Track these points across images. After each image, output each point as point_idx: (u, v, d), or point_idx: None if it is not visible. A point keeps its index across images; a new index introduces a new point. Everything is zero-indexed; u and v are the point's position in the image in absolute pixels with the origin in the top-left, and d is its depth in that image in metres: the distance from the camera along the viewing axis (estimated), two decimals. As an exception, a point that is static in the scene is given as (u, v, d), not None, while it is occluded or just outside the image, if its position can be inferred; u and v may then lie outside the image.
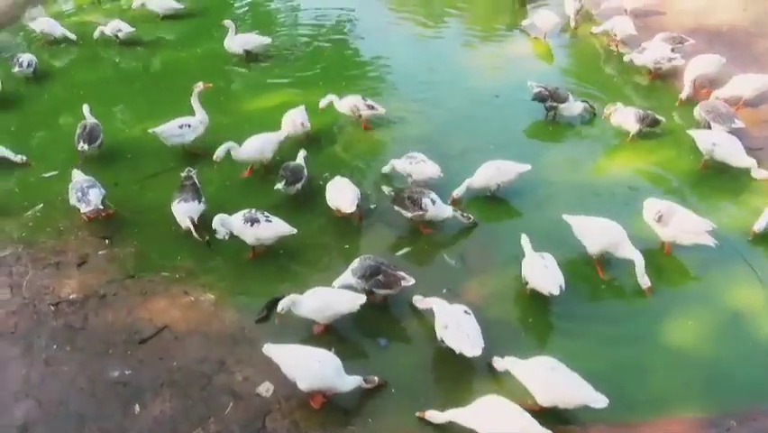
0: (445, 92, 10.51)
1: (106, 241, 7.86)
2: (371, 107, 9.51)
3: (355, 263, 6.79)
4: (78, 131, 9.04)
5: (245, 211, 7.46)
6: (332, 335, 6.59)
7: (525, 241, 6.91)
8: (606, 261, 7.16)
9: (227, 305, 6.98)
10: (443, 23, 12.95)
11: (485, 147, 9.02)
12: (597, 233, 7.02)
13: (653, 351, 6.35)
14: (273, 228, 7.38)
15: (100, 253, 7.72)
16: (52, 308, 7.00)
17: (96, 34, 12.30)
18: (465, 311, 6.19)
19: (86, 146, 8.88)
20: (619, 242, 6.90)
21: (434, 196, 7.59)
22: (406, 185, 8.15)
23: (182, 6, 13.32)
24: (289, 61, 11.57)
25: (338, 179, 8.06)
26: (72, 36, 12.24)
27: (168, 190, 8.09)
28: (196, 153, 9.01)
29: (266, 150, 8.61)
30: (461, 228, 7.77)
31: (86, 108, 9.33)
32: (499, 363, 5.90)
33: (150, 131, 8.93)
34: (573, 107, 9.60)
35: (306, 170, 8.22)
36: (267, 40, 11.66)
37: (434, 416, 5.62)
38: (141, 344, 6.55)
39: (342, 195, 7.77)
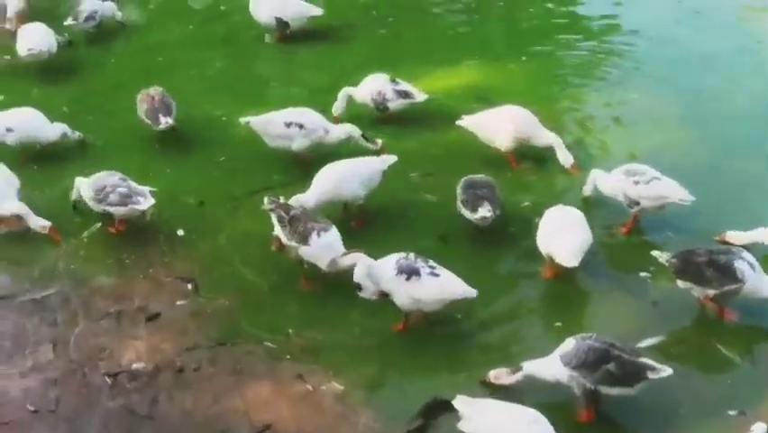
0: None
1: (189, 286, 8.00)
2: (405, 94, 9.80)
3: (568, 345, 6.60)
4: (145, 105, 9.75)
5: (399, 256, 7.36)
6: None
7: None
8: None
9: (362, 402, 6.87)
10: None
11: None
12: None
13: None
14: (441, 286, 7.19)
15: (179, 303, 7.84)
16: (109, 380, 7.09)
17: None
18: None
19: (169, 119, 9.63)
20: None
21: (748, 257, 7.36)
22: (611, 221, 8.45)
23: None
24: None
25: (555, 212, 8.06)
26: None
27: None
28: (306, 163, 9.25)
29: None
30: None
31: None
32: None
33: (243, 120, 9.35)
34: None
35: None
36: (315, 10, 11.90)
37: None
38: (231, 450, 6.57)
39: (563, 238, 7.68)
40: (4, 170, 8.81)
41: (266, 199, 8.05)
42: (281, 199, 8.12)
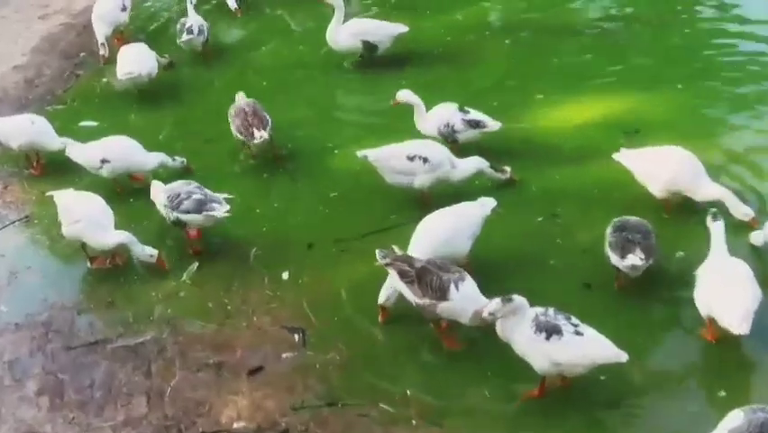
0: None
1: (296, 337, 8.10)
2: (476, 123, 9.97)
3: (736, 419, 6.32)
4: (238, 120, 10.22)
5: (537, 311, 7.14)
6: None
7: None
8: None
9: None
10: None
11: None
12: None
13: None
14: (585, 348, 7.01)
15: (285, 356, 7.92)
16: (207, 441, 7.20)
17: None
18: None
19: (264, 133, 10.02)
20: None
21: None
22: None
23: None
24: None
25: (718, 265, 7.75)
26: None
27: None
28: (427, 201, 9.33)
29: None
30: None
31: (240, 97, 10.54)
32: None
33: (360, 154, 9.46)
34: None
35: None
36: (402, 28, 12.06)
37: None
38: None
39: (729, 298, 7.37)
40: (100, 201, 9.09)
41: (378, 254, 7.89)
42: (397, 250, 8.05)
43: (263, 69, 12.62)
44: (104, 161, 9.88)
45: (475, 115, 10.09)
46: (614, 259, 8.07)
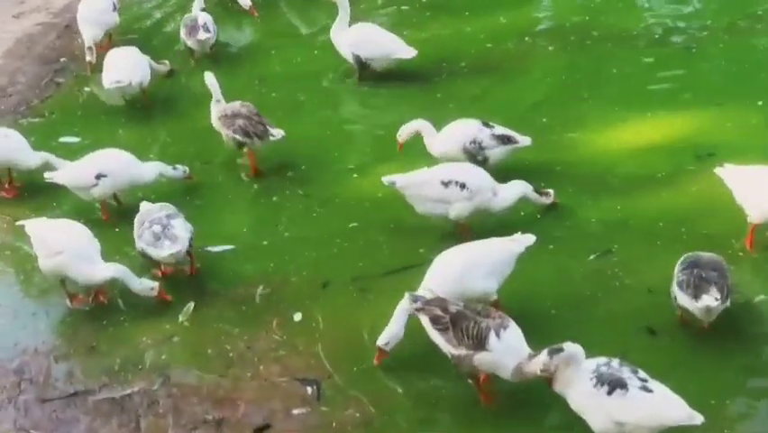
0: None
1: (309, 390, 8.05)
2: (506, 139, 10.11)
3: None
4: (240, 120, 10.53)
5: (598, 362, 7.06)
6: None
7: None
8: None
9: None
10: None
11: None
12: None
13: None
14: (655, 407, 6.88)
15: (296, 412, 7.87)
16: None
17: None
18: None
19: (282, 131, 10.57)
20: None
21: None
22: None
23: None
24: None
25: None
26: None
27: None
28: (465, 233, 9.36)
29: None
30: None
31: (209, 78, 10.83)
32: None
33: (386, 180, 9.54)
34: None
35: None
36: (408, 52, 12.14)
37: None
38: None
39: None
40: (84, 230, 9.14)
41: (408, 298, 7.92)
42: (427, 293, 8.02)
43: (272, 78, 12.81)
44: (99, 176, 9.89)
45: (501, 129, 10.19)
46: (684, 300, 8.05)
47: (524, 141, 10.17)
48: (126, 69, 11.82)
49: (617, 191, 10.08)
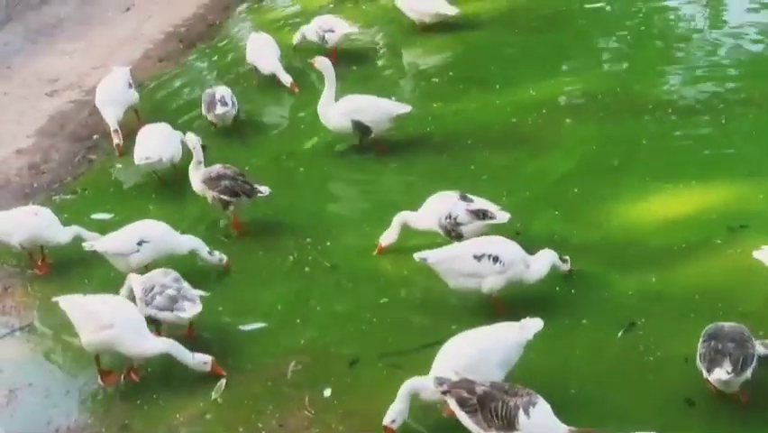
0: None
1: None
2: (482, 214, 10.04)
3: None
4: (226, 181, 10.89)
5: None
6: None
7: None
8: None
9: None
10: None
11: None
12: None
13: None
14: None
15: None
16: None
17: (297, 39, 14.99)
18: None
19: (245, 199, 10.85)
20: None
21: None
22: None
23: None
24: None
25: None
26: None
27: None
28: (498, 308, 9.43)
29: None
30: None
31: (192, 141, 11.11)
32: None
33: (418, 257, 9.57)
34: None
35: None
36: (403, 108, 12.27)
37: None
38: None
39: None
40: (131, 304, 9.23)
41: (435, 381, 7.86)
42: (455, 374, 7.91)
43: (301, 154, 12.83)
44: (141, 243, 10.04)
45: (480, 203, 10.17)
46: (704, 372, 8.05)
47: (501, 217, 10.10)
48: (157, 145, 11.92)
49: (651, 263, 10.00)
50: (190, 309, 9.09)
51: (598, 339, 9.10)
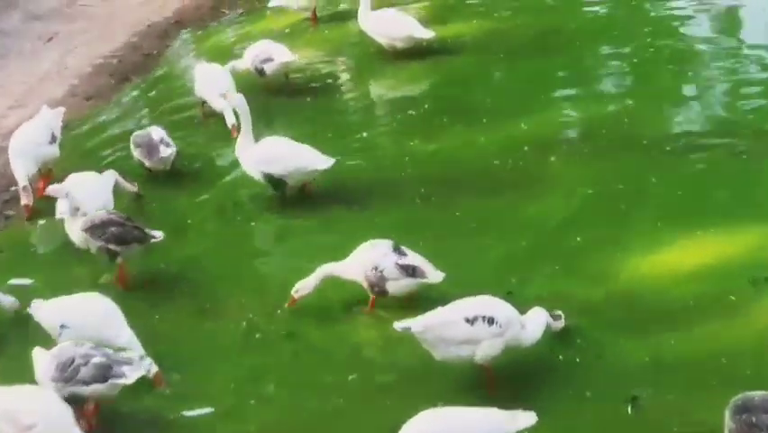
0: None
1: None
2: (412, 270, 10.20)
3: None
4: (102, 240, 10.88)
5: None
6: None
7: None
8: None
9: None
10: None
11: None
12: None
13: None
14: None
15: None
16: None
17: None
18: None
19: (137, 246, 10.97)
20: None
21: None
22: None
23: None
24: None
25: None
26: None
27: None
28: (488, 375, 9.29)
29: None
30: None
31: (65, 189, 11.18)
32: None
33: (398, 326, 9.36)
34: None
35: None
36: (325, 162, 12.30)
37: None
38: None
39: None
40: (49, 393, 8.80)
41: None
42: None
43: (250, 201, 12.73)
44: (62, 327, 9.69)
45: (414, 258, 10.18)
46: None
47: (434, 277, 10.15)
48: (85, 195, 11.50)
49: (665, 323, 9.94)
50: (132, 373, 8.80)
51: (606, 412, 9.01)
